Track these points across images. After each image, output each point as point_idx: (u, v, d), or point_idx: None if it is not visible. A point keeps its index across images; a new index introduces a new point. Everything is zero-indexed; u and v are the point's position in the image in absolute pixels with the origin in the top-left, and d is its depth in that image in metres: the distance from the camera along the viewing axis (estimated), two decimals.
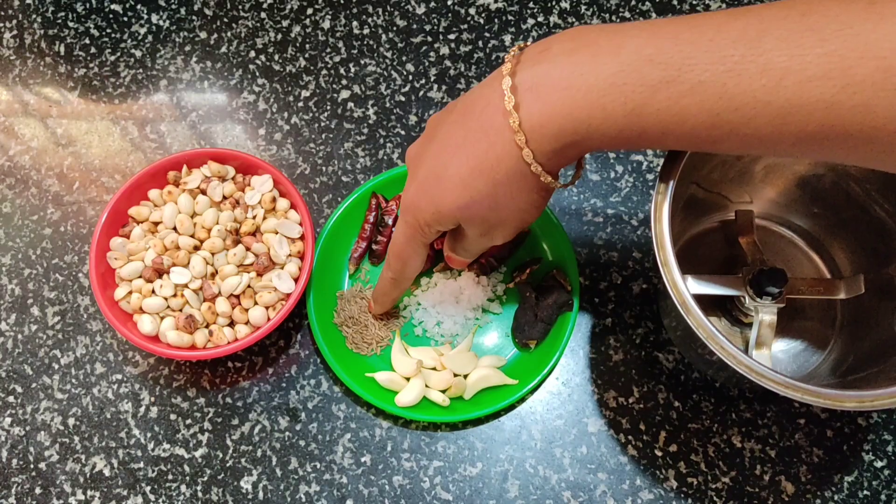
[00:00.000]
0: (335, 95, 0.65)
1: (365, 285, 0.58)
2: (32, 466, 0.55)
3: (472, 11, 0.67)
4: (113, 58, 0.66)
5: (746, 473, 0.54)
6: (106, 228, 0.54)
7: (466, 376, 0.54)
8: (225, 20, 0.67)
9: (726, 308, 0.56)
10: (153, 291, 0.53)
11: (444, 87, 0.65)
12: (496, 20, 0.67)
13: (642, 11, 0.67)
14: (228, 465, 0.54)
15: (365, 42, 0.66)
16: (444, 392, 0.54)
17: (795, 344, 0.56)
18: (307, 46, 0.66)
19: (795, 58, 0.30)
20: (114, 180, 0.63)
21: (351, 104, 0.64)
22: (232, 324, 0.54)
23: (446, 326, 0.57)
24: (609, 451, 0.54)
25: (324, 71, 0.65)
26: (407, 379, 0.54)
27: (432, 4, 0.67)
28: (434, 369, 0.55)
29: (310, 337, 0.57)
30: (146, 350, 0.52)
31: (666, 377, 0.56)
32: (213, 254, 0.54)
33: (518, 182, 0.39)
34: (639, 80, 0.33)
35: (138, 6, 0.68)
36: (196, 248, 0.54)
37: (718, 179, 0.54)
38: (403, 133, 0.63)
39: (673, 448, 0.54)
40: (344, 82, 0.65)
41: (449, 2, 0.67)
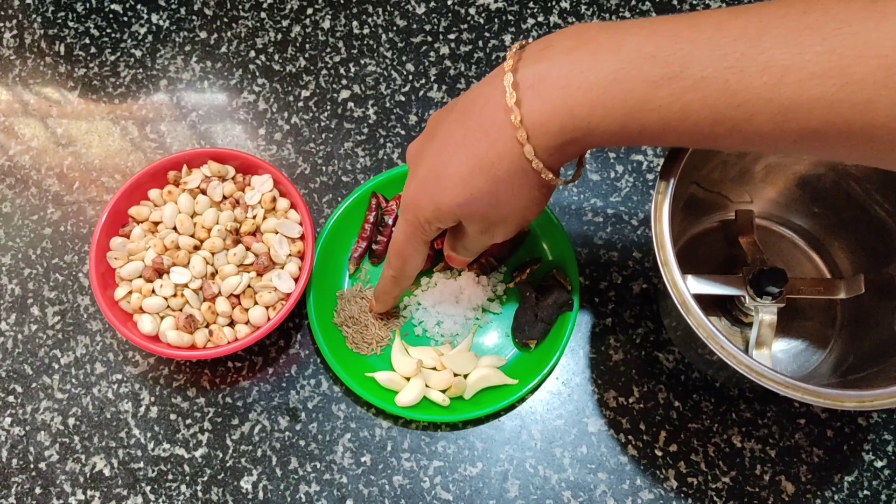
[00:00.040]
0: (335, 95, 0.65)
1: (365, 285, 0.58)
2: (32, 466, 0.55)
3: (472, 11, 0.67)
4: (113, 58, 0.66)
5: (746, 473, 0.54)
6: (106, 228, 0.54)
7: (466, 376, 0.54)
8: (225, 20, 0.67)
9: (726, 308, 0.56)
10: (153, 291, 0.53)
11: (444, 87, 0.65)
12: (496, 20, 0.67)
13: (642, 11, 0.67)
14: (228, 465, 0.54)
15: (365, 42, 0.66)
16: (445, 392, 0.54)
17: (796, 344, 0.56)
18: (307, 46, 0.66)
19: (796, 56, 0.30)
20: (114, 180, 0.63)
21: (351, 104, 0.64)
22: (232, 323, 0.54)
23: (446, 326, 0.57)
24: (609, 451, 0.54)
25: (324, 71, 0.65)
26: (407, 379, 0.54)
27: (432, 4, 0.67)
28: (434, 369, 0.55)
29: (310, 337, 0.57)
30: (146, 350, 0.52)
31: (666, 377, 0.56)
32: (213, 253, 0.54)
33: (519, 179, 0.39)
34: (639, 77, 0.33)
35: (138, 6, 0.68)
36: (196, 248, 0.54)
37: (719, 179, 0.54)
38: (403, 133, 0.63)
39: (673, 448, 0.54)
40: (344, 82, 0.65)
41: (449, 2, 0.67)
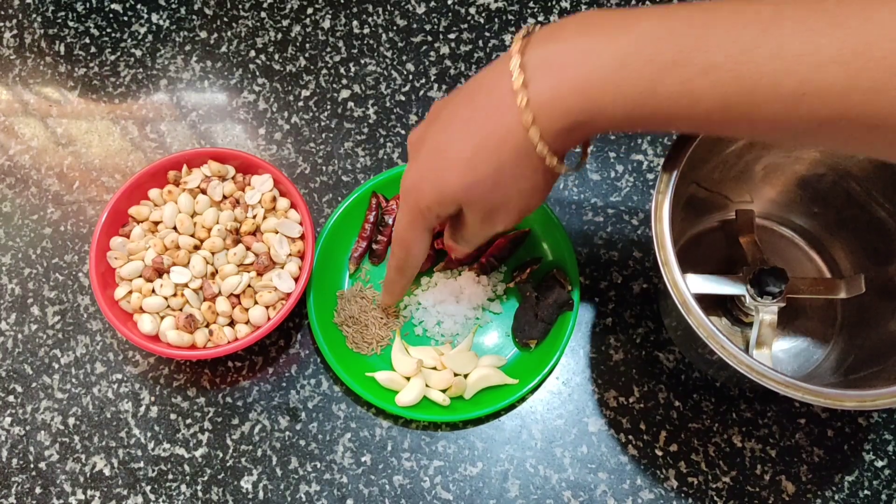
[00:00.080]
0: (335, 95, 0.65)
1: (365, 285, 0.58)
2: (32, 466, 0.55)
3: (473, 11, 0.67)
4: (113, 57, 0.66)
5: (747, 473, 0.54)
6: (106, 228, 0.54)
7: (467, 376, 0.54)
8: (225, 20, 0.67)
9: (727, 308, 0.56)
10: (153, 291, 0.53)
11: (445, 87, 0.65)
12: (496, 19, 0.67)
13: None
14: (228, 465, 0.54)
15: (365, 41, 0.66)
16: (445, 392, 0.54)
17: (796, 343, 0.56)
18: (307, 46, 0.66)
19: (808, 42, 0.30)
20: (114, 180, 0.63)
21: (351, 104, 0.64)
22: (232, 323, 0.54)
23: (446, 326, 0.57)
24: (609, 451, 0.54)
25: (324, 70, 0.65)
26: (407, 378, 0.54)
27: (432, 4, 0.67)
28: (434, 369, 0.55)
29: (310, 336, 0.57)
30: (146, 349, 0.52)
31: (666, 377, 0.56)
32: (214, 253, 0.54)
33: (523, 163, 0.38)
34: (650, 61, 0.33)
35: (138, 6, 0.68)
36: (196, 248, 0.54)
37: (719, 179, 0.54)
38: (404, 133, 0.63)
39: (673, 448, 0.54)
40: (344, 82, 0.65)
41: (449, 1, 0.67)
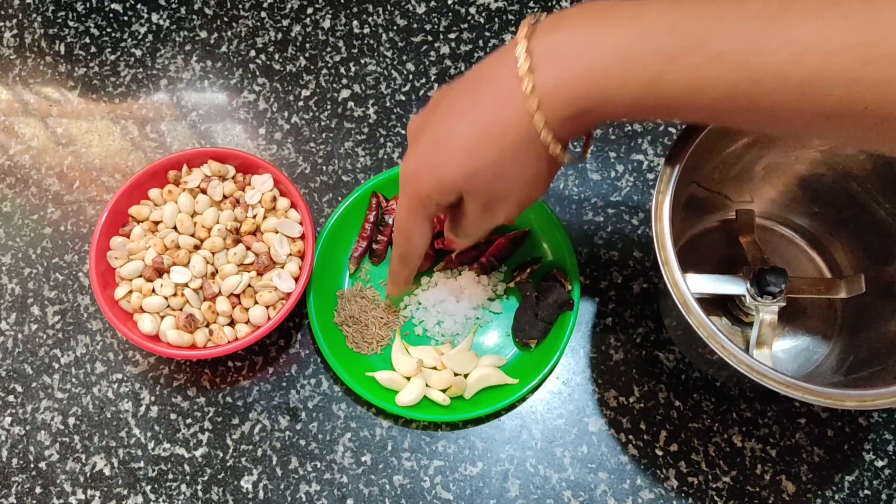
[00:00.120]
0: (335, 95, 0.65)
1: (365, 285, 0.58)
2: (33, 466, 0.55)
3: (473, 11, 0.67)
4: (113, 57, 0.66)
5: (747, 473, 0.54)
6: (106, 228, 0.54)
7: (467, 376, 0.54)
8: (225, 19, 0.67)
9: (727, 307, 0.56)
10: (153, 291, 0.53)
11: None
12: (496, 19, 0.67)
13: None
14: (229, 465, 0.54)
15: (365, 41, 0.66)
16: (445, 391, 0.54)
17: (796, 343, 0.56)
18: (307, 46, 0.66)
19: (818, 32, 0.29)
20: (114, 179, 0.63)
21: (351, 103, 0.64)
22: (232, 323, 0.54)
23: (447, 326, 0.57)
24: (609, 451, 0.54)
25: (324, 70, 0.65)
26: (407, 378, 0.54)
27: (433, 4, 0.67)
28: (434, 368, 0.55)
29: (310, 336, 0.57)
30: (146, 349, 0.52)
31: (666, 376, 0.56)
32: (214, 253, 0.54)
33: (526, 151, 0.37)
34: (657, 49, 0.33)
35: (138, 5, 0.68)
36: (196, 248, 0.54)
37: (719, 179, 0.54)
38: (404, 132, 0.63)
39: (673, 447, 0.54)
40: (344, 81, 0.65)
41: (449, 1, 0.67)
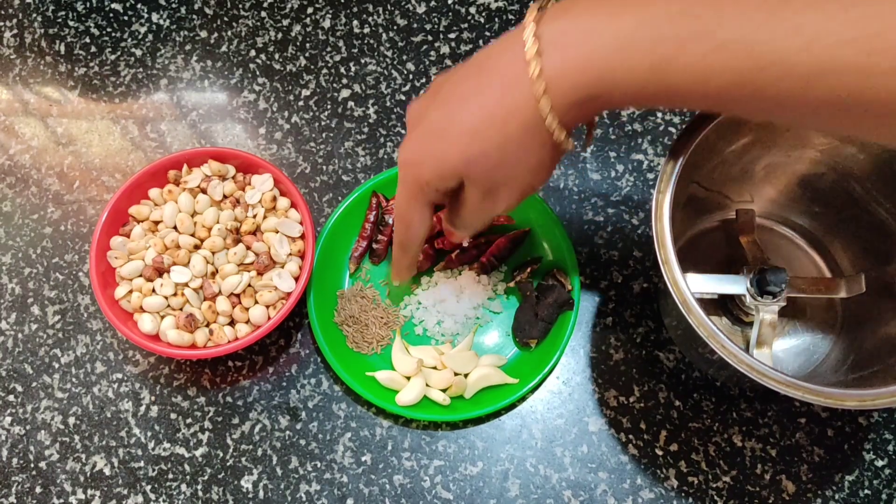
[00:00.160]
0: (335, 94, 0.65)
1: (365, 284, 0.58)
2: (33, 465, 0.55)
3: (473, 10, 0.67)
4: (113, 57, 0.66)
5: (747, 472, 0.54)
6: (106, 227, 0.54)
7: (467, 375, 0.54)
8: (225, 19, 0.67)
9: (727, 307, 0.56)
10: (153, 290, 0.53)
11: None
12: (496, 19, 0.67)
13: None
14: (229, 465, 0.54)
15: (365, 41, 0.66)
16: (445, 391, 0.54)
17: (796, 343, 0.56)
18: (307, 45, 0.66)
19: (824, 21, 0.30)
20: (114, 179, 0.63)
21: (351, 103, 0.64)
22: (232, 323, 0.54)
23: (447, 325, 0.57)
24: (610, 450, 0.54)
25: (324, 70, 0.65)
26: (407, 378, 0.54)
27: (433, 3, 0.67)
28: (434, 368, 0.55)
29: (310, 336, 0.57)
30: (146, 349, 0.52)
31: (667, 376, 0.56)
32: (214, 253, 0.54)
33: (531, 137, 0.37)
34: (665, 35, 0.33)
35: (139, 5, 0.68)
36: (196, 247, 0.54)
37: (719, 178, 0.54)
38: (404, 132, 0.63)
39: (674, 447, 0.54)
40: (344, 81, 0.65)
41: (449, 1, 0.67)
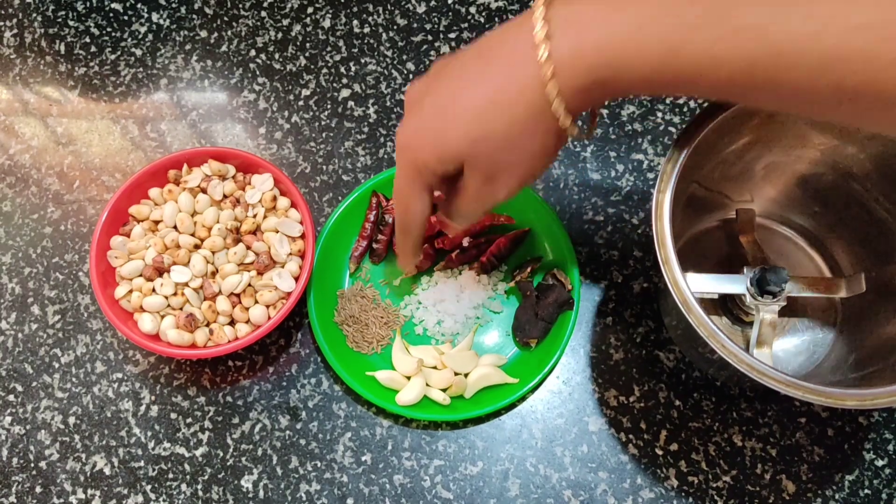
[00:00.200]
0: (336, 94, 0.65)
1: (366, 284, 0.58)
2: (33, 465, 0.55)
3: (473, 10, 0.67)
4: (113, 56, 0.66)
5: (747, 472, 0.54)
6: (106, 227, 0.54)
7: (467, 375, 0.54)
8: (225, 19, 0.67)
9: (727, 307, 0.56)
10: (153, 290, 0.53)
11: None
12: (496, 19, 0.67)
13: None
14: (229, 464, 0.54)
15: (365, 41, 0.66)
16: (445, 391, 0.54)
17: (796, 343, 0.56)
18: (308, 45, 0.66)
19: (838, 8, 0.30)
20: (114, 179, 0.63)
21: (351, 103, 0.64)
22: (232, 322, 0.54)
23: (447, 325, 0.57)
24: (610, 450, 0.54)
25: (324, 70, 0.65)
26: (407, 378, 0.54)
27: (433, 3, 0.67)
28: (435, 368, 0.55)
29: (310, 336, 0.57)
30: (146, 349, 0.52)
31: (667, 376, 0.56)
32: (214, 252, 0.54)
33: (536, 121, 0.37)
34: (677, 20, 0.33)
35: (139, 5, 0.68)
36: (196, 247, 0.54)
37: (719, 178, 0.54)
38: None
39: (674, 447, 0.54)
40: (344, 81, 0.65)
41: (449, 0, 0.67)
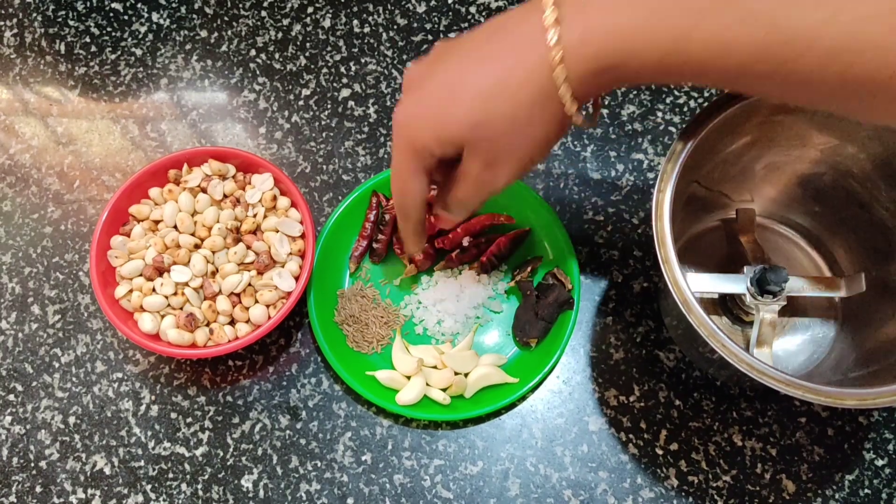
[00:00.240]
0: (336, 94, 0.65)
1: (366, 284, 0.58)
2: (33, 465, 0.55)
3: (473, 10, 0.67)
4: (113, 56, 0.66)
5: (747, 472, 0.54)
6: (106, 227, 0.54)
7: (467, 375, 0.54)
8: (225, 19, 0.67)
9: (727, 307, 0.56)
10: (154, 290, 0.53)
11: None
12: None
13: None
14: (229, 464, 0.54)
15: (365, 40, 0.66)
16: (445, 390, 0.54)
17: (796, 342, 0.56)
18: (308, 45, 0.66)
19: None
20: (114, 179, 0.63)
21: (351, 103, 0.64)
22: (232, 322, 0.54)
23: (447, 325, 0.57)
24: (610, 450, 0.54)
25: (324, 69, 0.65)
26: (408, 377, 0.54)
27: (433, 3, 0.67)
28: (435, 368, 0.55)
29: (310, 335, 0.57)
30: (147, 348, 0.52)
31: (667, 375, 0.56)
32: (214, 252, 0.54)
33: (541, 107, 0.37)
34: (687, 6, 0.33)
35: (139, 5, 0.68)
36: (197, 247, 0.54)
37: (719, 178, 0.54)
38: None
39: (674, 446, 0.54)
40: (344, 81, 0.65)
41: (449, 0, 0.67)
